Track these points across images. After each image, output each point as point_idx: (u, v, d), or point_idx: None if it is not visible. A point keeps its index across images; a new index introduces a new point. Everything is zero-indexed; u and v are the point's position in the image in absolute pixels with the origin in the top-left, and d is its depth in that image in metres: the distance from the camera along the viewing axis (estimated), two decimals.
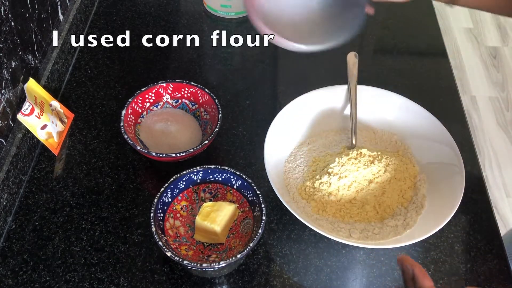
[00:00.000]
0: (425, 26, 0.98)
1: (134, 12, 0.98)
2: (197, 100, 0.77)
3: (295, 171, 0.71)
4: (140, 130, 0.75)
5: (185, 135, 0.75)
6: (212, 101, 0.74)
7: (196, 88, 0.76)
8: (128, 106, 0.73)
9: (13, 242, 0.66)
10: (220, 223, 0.61)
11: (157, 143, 0.74)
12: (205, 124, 0.76)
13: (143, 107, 0.76)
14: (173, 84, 0.77)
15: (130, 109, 0.74)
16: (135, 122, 0.75)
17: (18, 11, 0.71)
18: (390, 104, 0.76)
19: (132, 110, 0.74)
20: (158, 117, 0.76)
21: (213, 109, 0.74)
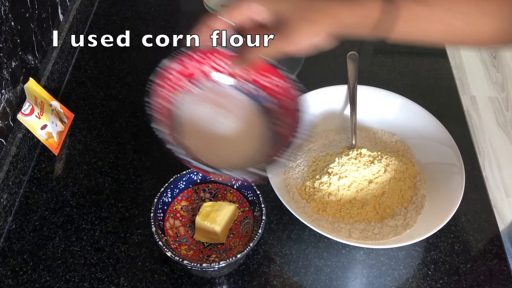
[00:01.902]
0: None
1: (134, 12, 0.98)
2: (277, 98, 0.52)
3: (295, 171, 0.71)
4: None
5: (247, 141, 0.51)
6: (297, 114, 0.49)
7: (285, 82, 0.52)
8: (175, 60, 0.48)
9: (13, 242, 0.66)
10: (220, 223, 0.61)
11: (196, 137, 0.50)
12: (276, 139, 0.51)
13: (193, 75, 0.50)
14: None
15: (174, 69, 0.48)
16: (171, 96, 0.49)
17: (18, 11, 0.71)
18: (390, 104, 0.76)
19: (179, 72, 0.49)
20: (207, 98, 0.52)
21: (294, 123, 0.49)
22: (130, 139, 0.77)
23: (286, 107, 0.51)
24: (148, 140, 0.77)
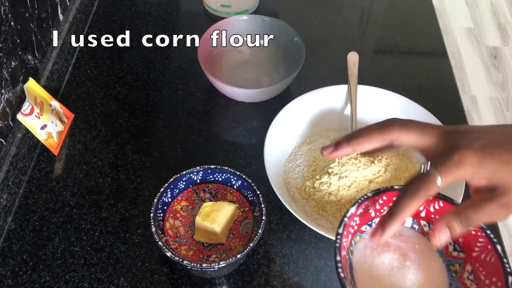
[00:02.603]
0: (425, 26, 0.98)
1: (134, 12, 0.98)
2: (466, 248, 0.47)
3: (295, 171, 0.71)
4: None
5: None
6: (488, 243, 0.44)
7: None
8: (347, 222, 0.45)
9: (13, 242, 0.65)
10: (220, 223, 0.61)
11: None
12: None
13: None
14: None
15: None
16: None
17: (18, 11, 0.71)
18: (390, 104, 0.76)
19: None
20: (385, 243, 0.46)
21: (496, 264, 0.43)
22: (130, 139, 0.77)
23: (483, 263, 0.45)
24: (148, 140, 0.77)
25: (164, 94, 0.84)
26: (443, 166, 0.40)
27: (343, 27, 0.97)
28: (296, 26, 0.91)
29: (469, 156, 0.39)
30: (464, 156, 0.39)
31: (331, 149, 0.45)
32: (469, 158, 0.39)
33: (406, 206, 0.41)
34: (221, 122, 0.81)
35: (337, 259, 0.42)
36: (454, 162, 0.39)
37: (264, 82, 0.86)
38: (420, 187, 0.40)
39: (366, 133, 0.43)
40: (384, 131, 0.42)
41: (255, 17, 0.87)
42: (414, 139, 0.42)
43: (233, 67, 0.88)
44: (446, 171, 0.40)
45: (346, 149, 0.44)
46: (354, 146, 0.44)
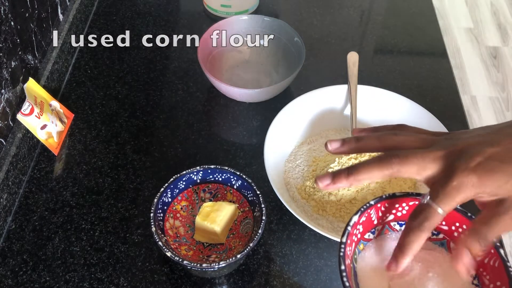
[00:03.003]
0: (425, 26, 0.98)
1: (134, 12, 0.98)
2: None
3: (295, 171, 0.71)
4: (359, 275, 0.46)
5: None
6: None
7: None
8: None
9: (13, 242, 0.65)
10: (220, 223, 0.61)
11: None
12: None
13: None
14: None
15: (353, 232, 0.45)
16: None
17: (18, 11, 0.71)
18: (390, 104, 0.76)
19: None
20: (387, 250, 0.47)
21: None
22: (130, 139, 0.77)
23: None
24: (148, 140, 0.77)
25: (164, 94, 0.84)
26: (442, 195, 0.39)
27: (343, 27, 0.97)
28: (296, 26, 0.91)
29: (467, 177, 0.38)
30: (462, 180, 0.38)
31: (328, 182, 0.43)
32: (468, 180, 0.38)
33: (414, 241, 0.40)
34: (221, 122, 0.81)
35: (342, 268, 0.42)
36: (453, 188, 0.39)
37: (264, 82, 0.86)
38: (423, 221, 0.40)
39: (365, 168, 0.42)
40: (384, 166, 0.41)
41: (255, 17, 0.87)
42: (414, 172, 0.41)
43: (233, 67, 0.88)
44: (445, 200, 0.39)
45: (343, 183, 0.42)
46: (352, 181, 0.42)
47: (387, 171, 0.41)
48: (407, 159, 0.41)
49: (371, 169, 0.41)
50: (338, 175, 0.42)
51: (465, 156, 0.39)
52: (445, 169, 0.40)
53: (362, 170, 0.41)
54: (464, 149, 0.40)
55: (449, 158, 0.40)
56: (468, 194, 0.39)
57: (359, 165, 0.42)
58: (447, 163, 0.40)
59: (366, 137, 0.44)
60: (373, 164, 0.41)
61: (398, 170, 0.41)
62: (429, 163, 0.40)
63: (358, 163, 0.42)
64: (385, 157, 0.41)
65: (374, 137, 0.44)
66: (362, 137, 0.45)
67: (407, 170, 0.41)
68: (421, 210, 0.40)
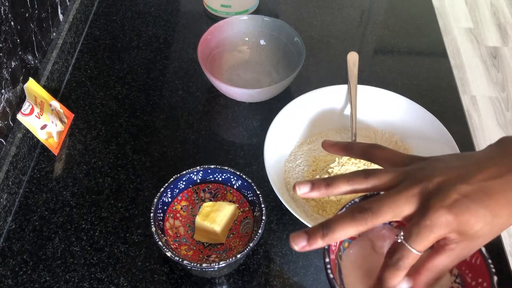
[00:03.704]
0: (425, 26, 0.98)
1: (134, 12, 0.98)
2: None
3: (295, 171, 0.71)
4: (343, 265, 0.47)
5: None
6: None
7: None
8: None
9: (13, 242, 0.65)
10: (220, 223, 0.61)
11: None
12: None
13: None
14: None
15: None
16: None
17: (18, 11, 0.71)
18: (390, 104, 0.76)
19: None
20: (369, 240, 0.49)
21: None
22: (130, 139, 0.77)
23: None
24: (148, 140, 0.77)
25: (164, 94, 0.84)
26: (414, 235, 0.39)
27: (343, 27, 0.97)
28: (296, 26, 0.91)
29: (442, 216, 0.38)
30: (435, 219, 0.38)
31: (303, 244, 0.41)
32: (441, 219, 0.38)
33: (391, 278, 0.41)
34: (221, 122, 0.81)
35: (326, 261, 0.42)
36: (426, 228, 0.38)
37: (264, 82, 0.86)
38: (398, 261, 0.40)
39: (340, 228, 0.40)
40: (358, 224, 0.40)
41: (255, 17, 0.87)
42: (391, 218, 0.40)
43: (233, 67, 0.88)
44: (418, 240, 0.39)
45: (319, 245, 0.41)
46: (329, 241, 0.41)
47: (363, 227, 0.40)
48: (380, 211, 0.40)
49: (346, 228, 0.40)
50: (314, 237, 0.41)
51: (439, 194, 0.39)
52: (419, 208, 0.39)
53: (337, 229, 0.40)
54: (438, 186, 0.39)
55: (422, 196, 0.39)
56: (442, 232, 0.38)
57: (333, 224, 0.41)
58: (421, 201, 0.39)
59: (336, 181, 0.43)
60: (347, 222, 0.40)
61: (374, 222, 0.40)
62: (403, 205, 0.40)
63: (332, 220, 0.41)
64: (358, 213, 0.40)
65: (344, 181, 0.43)
66: (332, 182, 0.43)
67: (383, 219, 0.40)
68: (395, 249, 0.40)
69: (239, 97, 0.80)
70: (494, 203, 0.38)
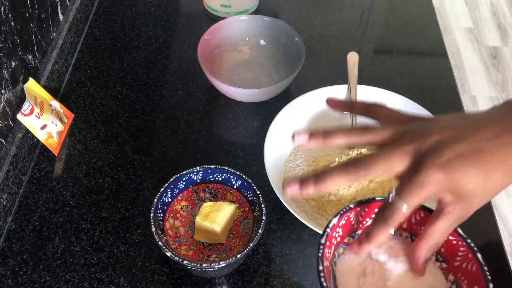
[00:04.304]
0: (425, 26, 0.98)
1: (134, 12, 0.98)
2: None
3: (295, 171, 0.71)
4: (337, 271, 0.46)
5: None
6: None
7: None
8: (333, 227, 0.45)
9: (13, 242, 0.65)
10: (220, 223, 0.61)
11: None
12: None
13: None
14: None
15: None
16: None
17: (18, 11, 0.71)
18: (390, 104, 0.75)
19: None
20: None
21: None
22: (130, 139, 0.77)
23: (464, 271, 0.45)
24: (148, 140, 0.77)
25: (164, 94, 0.84)
26: (405, 192, 0.39)
27: (343, 27, 0.97)
28: (296, 26, 0.91)
29: (433, 174, 0.38)
30: (427, 176, 0.38)
31: (295, 189, 0.43)
32: (433, 177, 0.38)
33: (379, 232, 0.42)
34: (221, 122, 0.81)
35: (320, 269, 0.42)
36: (417, 185, 0.39)
37: (264, 82, 0.86)
38: (387, 217, 0.41)
39: (332, 176, 0.41)
40: (350, 174, 0.41)
41: (255, 17, 0.87)
42: (383, 172, 0.41)
43: (233, 67, 0.88)
44: (409, 197, 0.39)
45: (311, 191, 0.42)
46: (319, 189, 0.42)
47: (354, 178, 0.41)
48: (373, 163, 0.40)
49: (338, 177, 0.41)
50: (306, 182, 0.42)
51: (433, 152, 0.39)
52: (412, 165, 0.40)
53: (329, 178, 0.41)
54: (432, 145, 0.40)
55: (416, 154, 0.40)
56: (433, 190, 0.39)
57: (326, 173, 0.42)
58: (414, 158, 0.40)
59: (334, 133, 0.44)
60: (340, 172, 0.41)
61: (366, 174, 0.41)
62: (396, 161, 0.40)
63: (326, 170, 0.42)
64: (351, 164, 0.41)
65: (342, 134, 0.44)
66: (330, 133, 0.44)
67: (375, 172, 0.41)
68: (386, 207, 0.41)
69: (239, 97, 0.80)
70: (487, 162, 0.38)
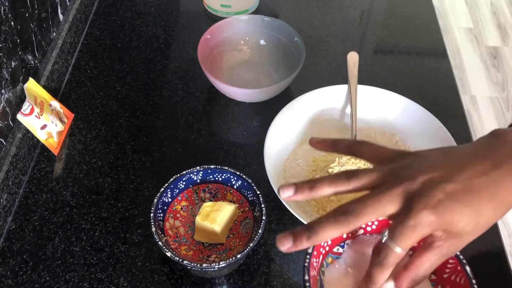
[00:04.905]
0: (425, 26, 0.98)
1: (134, 12, 0.98)
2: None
3: (295, 170, 0.71)
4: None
5: None
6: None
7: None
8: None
9: (13, 242, 0.65)
10: (220, 223, 0.61)
11: None
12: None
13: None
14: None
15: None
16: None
17: (18, 11, 0.71)
18: (390, 104, 0.76)
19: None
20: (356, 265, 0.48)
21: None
22: (130, 139, 0.77)
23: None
24: (148, 140, 0.77)
25: (164, 94, 0.84)
26: (397, 235, 0.39)
27: (343, 27, 0.97)
28: (296, 26, 0.91)
29: (425, 217, 0.38)
30: (419, 219, 0.38)
31: (289, 245, 0.43)
32: (425, 219, 0.38)
33: (377, 276, 0.41)
34: (221, 122, 0.81)
35: (306, 278, 0.42)
36: (409, 227, 0.38)
37: (264, 82, 0.86)
38: (385, 261, 0.40)
39: (324, 230, 0.40)
40: (342, 226, 0.40)
41: (255, 17, 0.87)
42: (373, 218, 0.40)
43: (233, 67, 0.88)
44: (402, 239, 0.39)
45: (304, 245, 0.42)
46: (313, 243, 0.42)
47: (346, 229, 0.40)
48: (363, 212, 0.40)
49: (329, 230, 0.40)
50: (299, 239, 0.42)
51: (423, 194, 0.39)
52: (403, 207, 0.39)
53: (320, 231, 0.41)
54: (421, 186, 0.39)
55: (406, 196, 0.39)
56: (425, 232, 0.39)
57: (317, 227, 0.41)
58: (404, 201, 0.39)
59: (319, 184, 0.43)
60: (330, 224, 0.40)
61: (357, 224, 0.40)
62: (386, 205, 0.40)
63: (316, 223, 0.41)
64: (341, 214, 0.40)
65: (327, 183, 0.43)
66: (316, 185, 0.43)
67: (366, 220, 0.40)
68: (381, 248, 0.41)
69: (239, 97, 0.80)
70: (478, 201, 0.38)
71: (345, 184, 0.43)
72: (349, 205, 0.41)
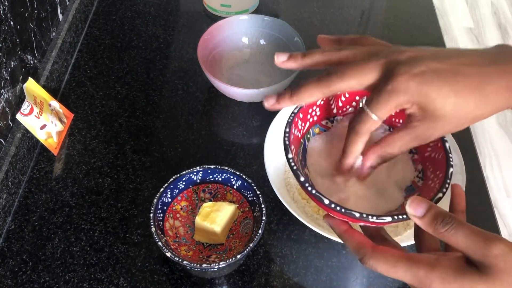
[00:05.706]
0: (425, 26, 0.98)
1: (134, 12, 0.98)
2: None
3: None
4: None
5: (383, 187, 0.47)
6: None
7: None
8: None
9: (13, 242, 0.65)
10: (220, 223, 0.61)
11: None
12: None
13: None
14: None
15: None
16: None
17: (18, 10, 0.70)
18: None
19: None
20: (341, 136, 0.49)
21: None
22: (130, 139, 0.77)
23: (432, 159, 0.46)
24: (147, 140, 0.77)
25: (164, 94, 0.84)
26: (375, 100, 0.39)
27: (343, 27, 0.97)
28: (296, 26, 0.91)
29: (404, 82, 0.37)
30: (397, 84, 0.38)
31: (273, 102, 0.44)
32: (403, 85, 0.37)
33: (352, 144, 0.41)
34: (221, 122, 0.81)
35: (286, 130, 0.44)
36: (386, 92, 0.38)
37: (264, 82, 0.86)
38: (359, 127, 0.40)
39: (306, 88, 0.42)
40: (323, 85, 0.41)
41: (255, 17, 0.87)
42: (355, 84, 0.40)
43: (233, 67, 0.88)
44: (378, 105, 0.39)
45: (287, 104, 0.43)
46: (296, 101, 0.43)
47: (327, 89, 0.41)
48: (345, 73, 0.40)
49: (311, 89, 0.41)
50: (283, 96, 0.43)
51: (409, 63, 0.38)
52: (384, 75, 0.39)
53: (303, 90, 0.42)
54: (408, 58, 0.39)
55: (390, 65, 0.39)
56: (401, 100, 0.38)
57: (300, 86, 0.42)
58: (387, 69, 0.39)
59: (311, 52, 0.44)
60: (313, 83, 0.41)
61: (338, 86, 0.40)
62: (368, 72, 0.40)
63: (300, 83, 0.42)
64: (324, 75, 0.41)
65: (319, 52, 0.44)
66: (308, 53, 0.44)
67: (347, 84, 0.40)
68: (357, 116, 0.41)
69: (239, 97, 0.80)
70: (461, 85, 0.37)
71: (336, 53, 0.43)
72: (333, 68, 0.41)
